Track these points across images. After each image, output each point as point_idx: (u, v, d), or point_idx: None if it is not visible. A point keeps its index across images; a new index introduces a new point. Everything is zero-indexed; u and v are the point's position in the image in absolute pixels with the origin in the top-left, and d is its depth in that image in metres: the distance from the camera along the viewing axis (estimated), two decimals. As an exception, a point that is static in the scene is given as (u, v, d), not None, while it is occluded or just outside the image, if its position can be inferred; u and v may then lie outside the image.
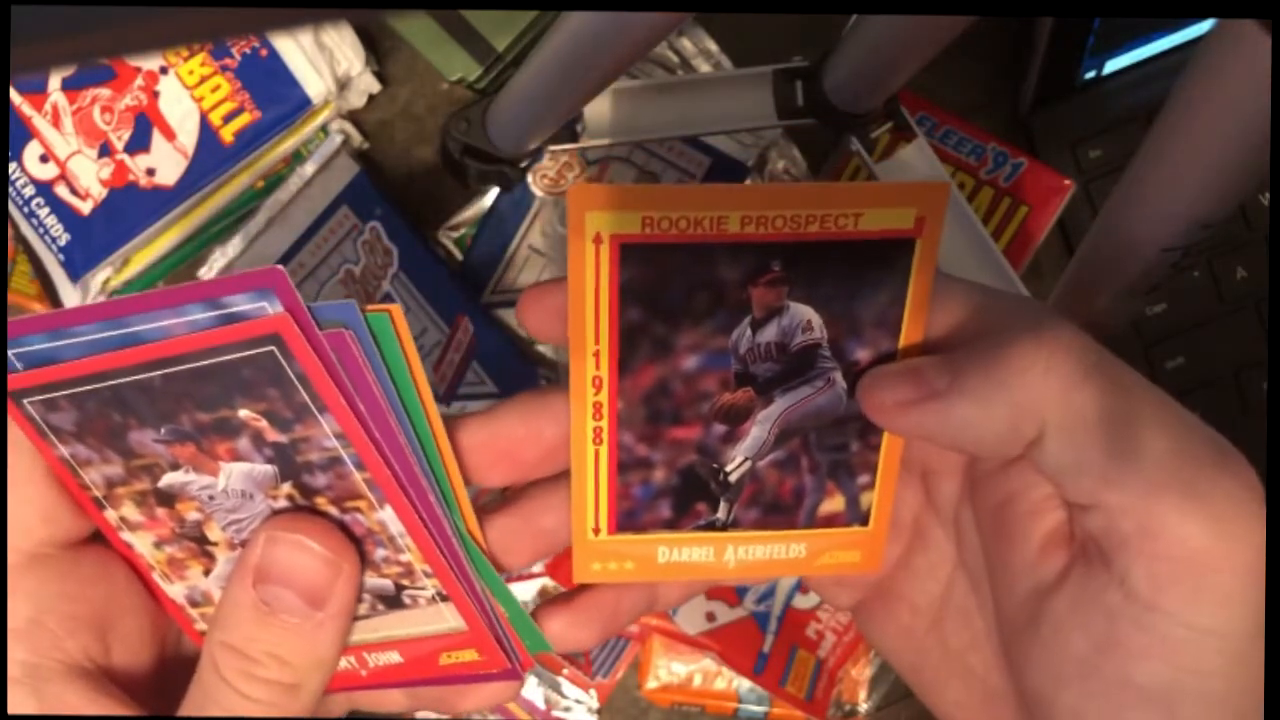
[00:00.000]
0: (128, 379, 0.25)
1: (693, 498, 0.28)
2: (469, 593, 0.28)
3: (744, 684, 0.55)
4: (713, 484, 0.28)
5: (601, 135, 0.50)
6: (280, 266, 0.24)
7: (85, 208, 0.52)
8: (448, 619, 0.29)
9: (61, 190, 0.52)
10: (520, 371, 0.55)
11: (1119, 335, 0.52)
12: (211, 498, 0.27)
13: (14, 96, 0.52)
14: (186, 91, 0.52)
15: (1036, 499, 0.27)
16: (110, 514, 0.27)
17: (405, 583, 0.28)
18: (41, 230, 0.52)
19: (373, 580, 0.28)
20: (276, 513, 0.27)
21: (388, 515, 0.27)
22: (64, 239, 0.52)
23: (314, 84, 0.52)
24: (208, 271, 0.53)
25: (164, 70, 0.52)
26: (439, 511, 0.27)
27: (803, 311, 0.27)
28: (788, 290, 0.26)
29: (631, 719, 0.56)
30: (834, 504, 0.29)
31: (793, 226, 0.25)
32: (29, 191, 0.52)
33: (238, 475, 0.27)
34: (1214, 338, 0.52)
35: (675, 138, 0.53)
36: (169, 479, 0.27)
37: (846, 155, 0.53)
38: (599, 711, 0.55)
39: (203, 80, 0.52)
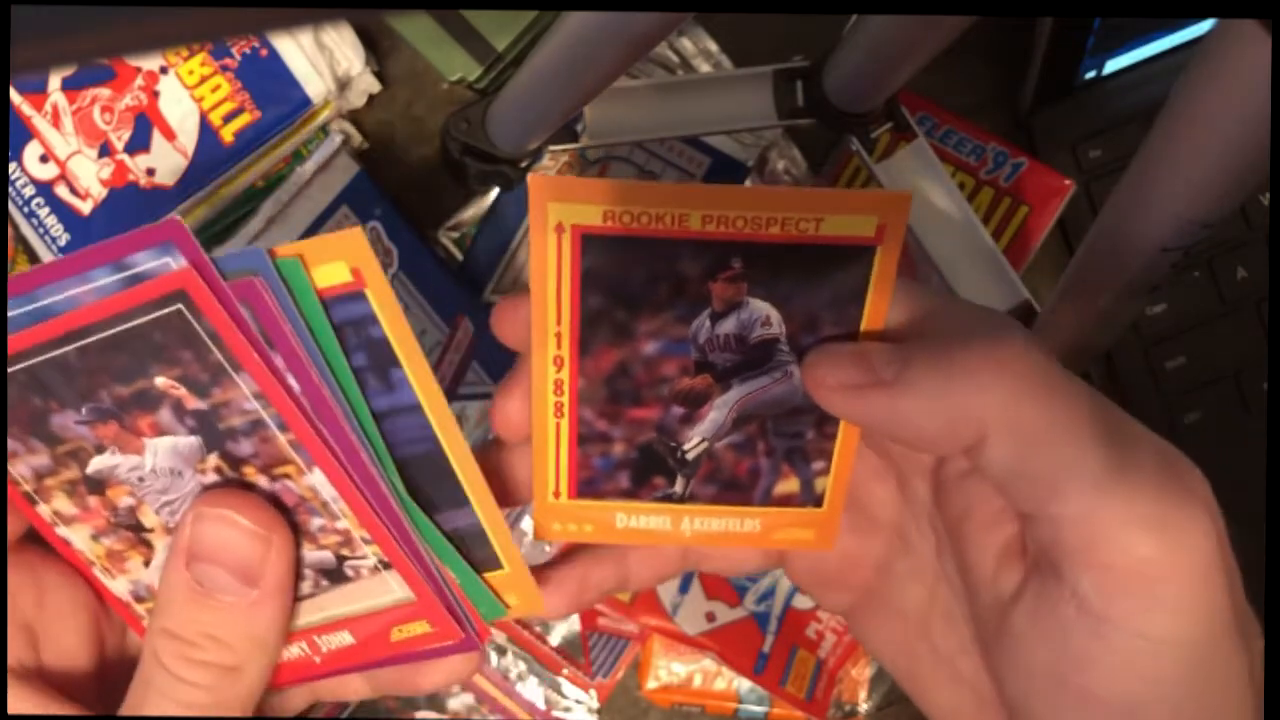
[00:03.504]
0: (43, 357, 0.24)
1: (651, 471, 0.29)
2: (412, 558, 0.27)
3: (744, 684, 0.55)
4: (670, 460, 0.29)
5: (601, 135, 0.50)
6: (177, 217, 0.23)
7: (85, 208, 0.52)
8: (394, 589, 0.28)
9: (61, 190, 0.52)
10: (520, 371, 0.55)
11: (1119, 335, 0.52)
12: (141, 479, 0.26)
13: (14, 96, 0.52)
14: (186, 91, 0.52)
15: (991, 512, 0.27)
16: (43, 509, 0.27)
17: (345, 552, 0.27)
18: (41, 230, 0.52)
19: (312, 553, 0.27)
20: (206, 489, 0.26)
21: (317, 479, 0.26)
22: (64, 239, 0.52)
23: (314, 84, 0.52)
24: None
25: (164, 70, 0.52)
26: (373, 471, 0.26)
27: (761, 307, 0.27)
28: (747, 287, 0.27)
29: (631, 719, 0.56)
30: (789, 485, 0.30)
31: (753, 227, 0.26)
32: (29, 191, 0.52)
33: (164, 451, 0.26)
34: (1214, 338, 0.52)
35: (675, 138, 0.53)
36: (96, 463, 0.26)
37: (846, 155, 0.53)
38: (599, 711, 0.55)
39: (203, 80, 0.52)
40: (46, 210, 0.52)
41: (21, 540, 0.28)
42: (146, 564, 0.28)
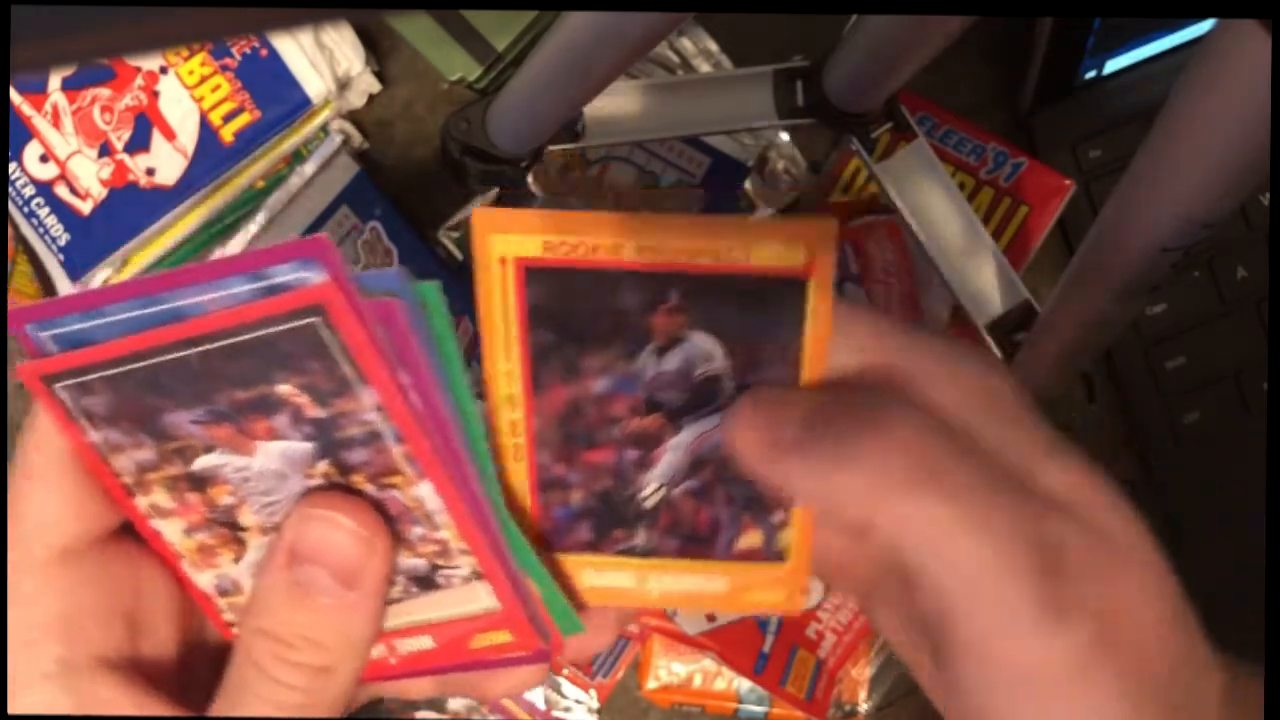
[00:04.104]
0: (164, 358, 0.24)
1: (612, 523, 0.28)
2: (505, 570, 0.27)
3: (744, 684, 0.55)
4: (628, 510, 0.28)
5: (601, 135, 0.50)
6: (325, 235, 0.23)
7: (85, 208, 0.52)
8: (482, 598, 0.28)
9: (61, 190, 0.52)
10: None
11: (1119, 335, 0.52)
12: (246, 480, 0.26)
13: (14, 96, 0.52)
14: (186, 91, 0.52)
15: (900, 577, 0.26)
16: (140, 501, 0.27)
17: (440, 562, 0.27)
18: (41, 230, 0.52)
19: (406, 560, 0.27)
20: (311, 491, 0.27)
21: (425, 490, 0.26)
22: (64, 239, 0.52)
23: (314, 84, 0.52)
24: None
25: (164, 70, 0.52)
26: (477, 486, 0.26)
27: (704, 342, 0.26)
28: (688, 320, 0.26)
29: (632, 719, 0.56)
30: (752, 539, 0.29)
31: (688, 257, 0.25)
32: (29, 191, 0.52)
33: (273, 454, 0.26)
34: (1214, 338, 0.52)
35: (675, 138, 0.53)
36: (203, 462, 0.26)
37: (846, 155, 0.53)
38: (599, 711, 0.55)
39: (203, 80, 0.52)
40: (46, 210, 0.52)
41: (118, 532, 0.28)
42: (236, 560, 0.28)
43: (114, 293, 0.24)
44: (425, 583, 0.28)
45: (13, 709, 0.26)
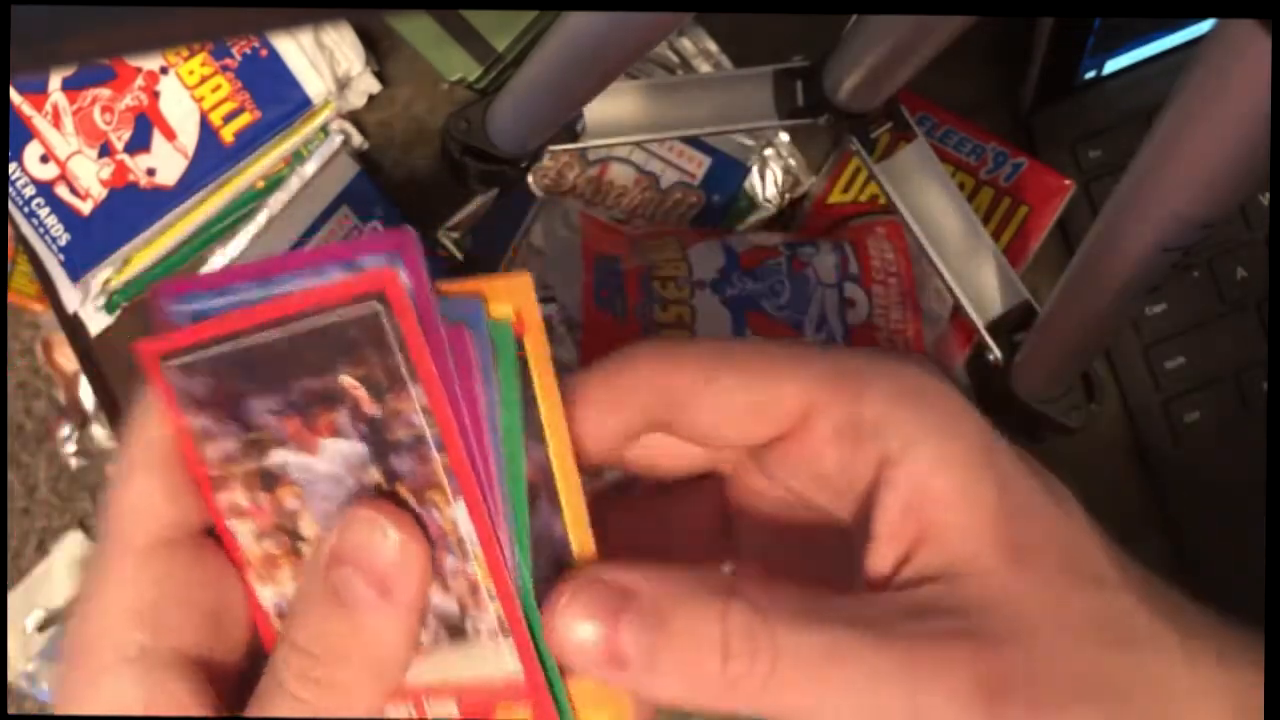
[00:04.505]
0: (252, 340, 0.25)
1: None
2: (528, 627, 0.27)
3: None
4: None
5: (601, 135, 0.50)
6: (410, 229, 0.24)
7: (85, 208, 0.52)
8: (506, 660, 0.27)
9: (61, 190, 0.52)
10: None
11: (1119, 335, 0.52)
12: (310, 481, 0.26)
13: (14, 96, 0.52)
14: (186, 91, 0.52)
15: None
16: (222, 497, 0.27)
17: (469, 604, 0.27)
18: (41, 230, 0.52)
19: (439, 598, 0.27)
20: (359, 497, 0.26)
21: (460, 514, 0.26)
22: (64, 239, 0.52)
23: (314, 84, 0.52)
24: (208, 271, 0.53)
25: (164, 70, 0.52)
26: (510, 525, 0.26)
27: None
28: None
29: (631, 719, 0.56)
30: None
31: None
32: (29, 191, 0.52)
33: (333, 454, 0.26)
34: (1214, 338, 0.52)
35: (675, 138, 0.53)
36: (274, 456, 0.26)
37: (846, 155, 0.53)
38: (599, 711, 0.55)
39: (203, 80, 0.52)
40: (47, 210, 0.52)
41: (205, 532, 0.28)
42: (295, 579, 0.28)
43: (238, 274, 0.25)
44: (455, 630, 0.27)
45: (87, 689, 0.26)
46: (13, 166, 0.52)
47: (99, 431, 0.59)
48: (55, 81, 0.52)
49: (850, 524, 0.28)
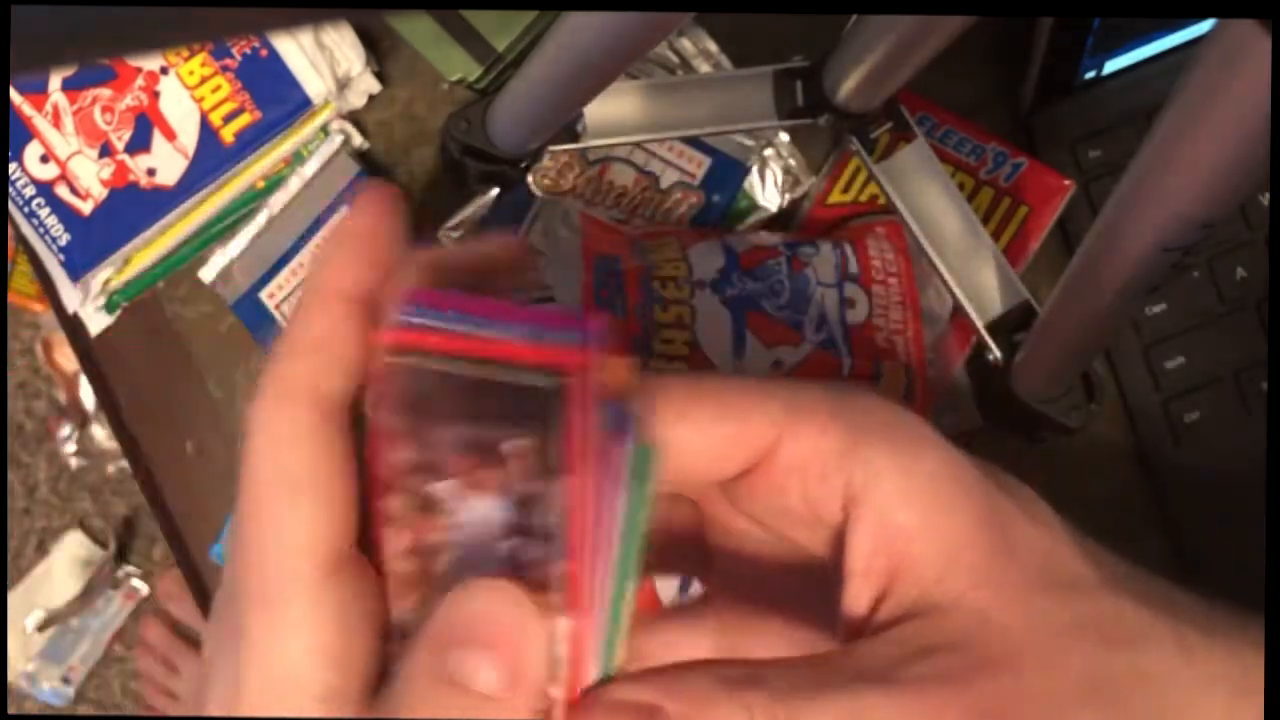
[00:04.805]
0: (458, 368, 0.25)
1: None
2: None
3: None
4: None
5: (601, 135, 0.50)
6: (607, 315, 0.25)
7: (85, 208, 0.52)
8: None
9: (62, 190, 0.52)
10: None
11: (1119, 335, 0.52)
12: (458, 524, 0.25)
13: (14, 96, 0.52)
14: (187, 91, 0.52)
15: None
16: (390, 501, 0.26)
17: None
18: (41, 230, 0.52)
19: None
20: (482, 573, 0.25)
21: (561, 630, 0.25)
22: (64, 239, 0.52)
23: (314, 84, 0.52)
24: (208, 272, 0.53)
25: (164, 70, 0.52)
26: (601, 656, 0.25)
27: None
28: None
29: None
30: None
31: None
32: (29, 191, 0.52)
33: (483, 510, 0.25)
34: (1214, 338, 0.52)
35: (675, 138, 0.53)
36: (440, 487, 0.25)
37: (846, 155, 0.53)
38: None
39: (203, 80, 0.52)
40: (47, 210, 0.52)
41: (353, 547, 0.26)
42: (420, 606, 0.26)
43: (476, 306, 0.25)
44: None
45: None
46: (13, 166, 0.52)
47: (99, 431, 0.59)
48: (55, 81, 0.52)
49: (824, 556, 0.28)
